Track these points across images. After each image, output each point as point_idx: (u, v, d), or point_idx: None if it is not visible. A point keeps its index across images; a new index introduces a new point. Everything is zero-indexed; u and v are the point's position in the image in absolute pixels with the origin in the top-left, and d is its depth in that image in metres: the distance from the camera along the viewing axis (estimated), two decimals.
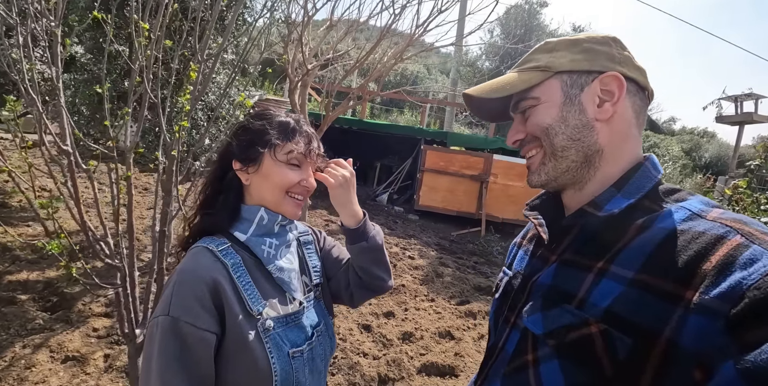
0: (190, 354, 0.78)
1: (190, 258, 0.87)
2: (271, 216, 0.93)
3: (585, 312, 0.59)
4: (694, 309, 0.50)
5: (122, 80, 3.30)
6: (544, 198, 0.83)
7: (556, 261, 0.70)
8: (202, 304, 0.80)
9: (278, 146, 0.91)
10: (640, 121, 0.71)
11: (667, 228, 0.59)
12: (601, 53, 0.69)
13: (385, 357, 3.24)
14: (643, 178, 0.67)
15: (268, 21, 2.30)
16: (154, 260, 1.81)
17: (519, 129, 0.76)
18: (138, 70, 1.63)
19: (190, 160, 1.96)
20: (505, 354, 0.72)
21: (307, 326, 0.94)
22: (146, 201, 6.07)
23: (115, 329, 2.99)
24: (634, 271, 0.57)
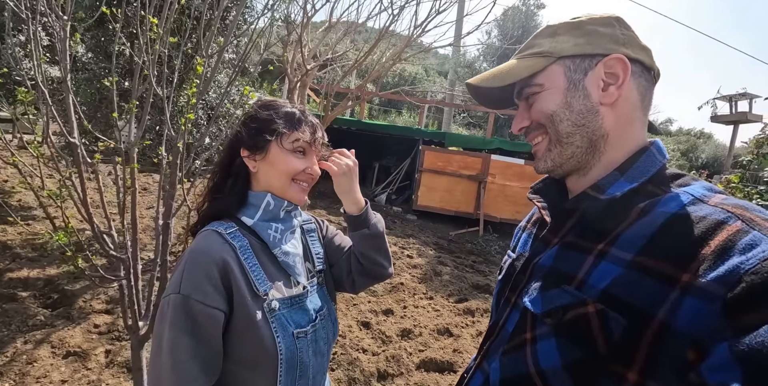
0: (200, 330, 0.81)
1: (200, 240, 0.90)
2: (278, 202, 0.97)
3: (583, 293, 0.60)
4: (691, 292, 0.51)
5: (124, 79, 3.34)
6: (548, 182, 0.83)
7: (557, 244, 0.70)
8: (211, 283, 0.83)
9: (285, 135, 0.94)
10: (646, 103, 0.70)
11: (669, 212, 0.59)
12: (604, 35, 0.68)
13: (384, 353, 3.27)
14: (648, 162, 0.67)
15: (268, 21, 2.33)
16: (157, 252, 1.84)
17: (524, 116, 0.75)
18: (141, 67, 1.66)
19: (192, 156, 2.00)
20: (504, 333, 0.74)
21: (311, 309, 0.98)
22: (145, 201, 6.09)
23: (116, 325, 3.01)
24: (633, 254, 0.58)
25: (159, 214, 1.76)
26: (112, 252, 1.64)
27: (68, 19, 1.45)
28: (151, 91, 1.69)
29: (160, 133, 3.46)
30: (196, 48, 1.74)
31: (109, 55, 3.67)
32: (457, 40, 6.78)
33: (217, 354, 0.85)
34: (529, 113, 0.74)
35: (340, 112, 5.55)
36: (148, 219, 5.13)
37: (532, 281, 0.70)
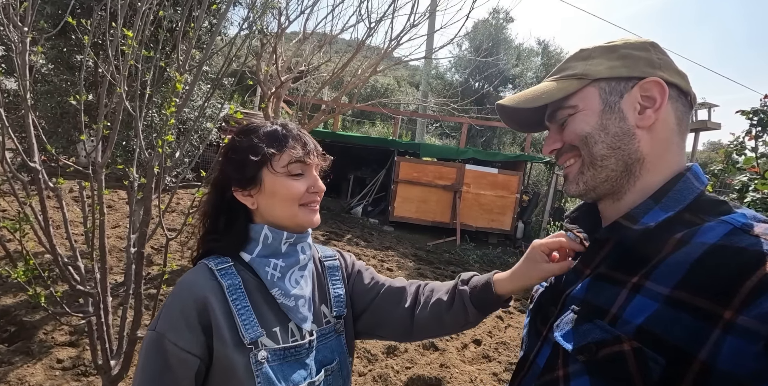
0: (170, 374, 0.74)
1: (188, 274, 0.82)
2: (276, 235, 0.85)
3: (617, 329, 0.57)
4: (732, 330, 0.48)
5: (88, 92, 3.14)
6: (584, 210, 0.80)
7: (590, 275, 0.68)
8: (187, 323, 0.75)
9: (274, 157, 0.83)
10: (683, 128, 0.69)
11: (708, 243, 0.56)
12: (639, 59, 0.67)
13: (371, 372, 3.17)
14: (684, 189, 0.64)
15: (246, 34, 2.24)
16: (129, 283, 1.69)
17: (555, 138, 0.74)
18: (109, 81, 1.54)
19: (164, 175, 1.87)
20: (535, 368, 0.71)
21: (313, 363, 0.85)
22: (110, 220, 5.76)
23: (82, 359, 2.77)
24: (670, 288, 0.55)
25: (131, 241, 1.62)
26: (78, 287, 1.48)
27: (29, 30, 1.32)
28: (121, 107, 1.57)
29: (128, 150, 3.27)
30: (169, 60, 1.63)
31: (72, 66, 3.46)
32: (430, 52, 6.86)
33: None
34: (561, 135, 0.73)
35: (315, 124, 5.47)
36: (113, 239, 4.84)
37: (564, 314, 0.67)
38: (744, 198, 2.39)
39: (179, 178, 2.07)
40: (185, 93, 1.53)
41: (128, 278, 1.66)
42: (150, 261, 4.46)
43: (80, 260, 1.60)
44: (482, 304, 0.88)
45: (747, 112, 2.40)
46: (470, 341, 4.01)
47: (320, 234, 7.10)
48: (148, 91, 1.71)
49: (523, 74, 16.68)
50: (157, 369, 0.74)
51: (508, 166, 9.77)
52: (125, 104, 1.54)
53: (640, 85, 0.65)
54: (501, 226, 9.11)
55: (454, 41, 5.67)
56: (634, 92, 0.66)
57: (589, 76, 0.68)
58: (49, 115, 3.24)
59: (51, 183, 1.60)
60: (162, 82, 2.83)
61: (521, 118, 0.80)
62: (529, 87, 0.77)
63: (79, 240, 4.51)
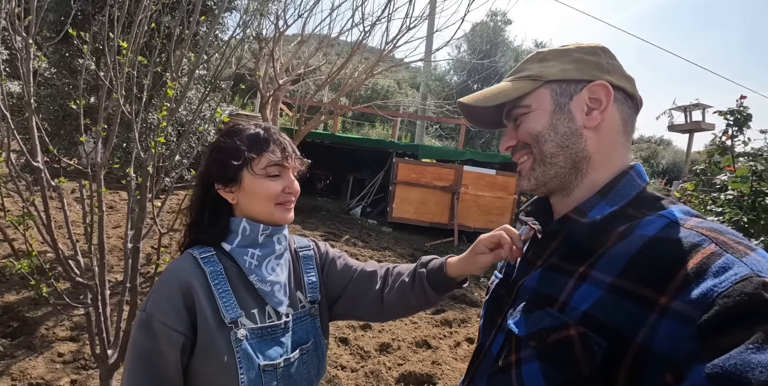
0: (158, 350, 0.82)
1: (173, 262, 0.91)
2: (253, 227, 0.93)
3: (565, 315, 0.61)
4: (667, 314, 0.52)
5: (88, 95, 3.23)
6: (537, 205, 0.85)
7: (541, 266, 0.72)
8: (173, 304, 0.84)
9: (254, 160, 0.91)
10: (628, 129, 0.73)
11: (647, 235, 0.60)
12: (590, 63, 0.71)
13: (363, 369, 3.24)
14: (628, 186, 0.68)
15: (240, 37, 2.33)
16: (126, 277, 1.78)
17: (511, 136, 0.77)
18: (109, 86, 1.63)
19: (162, 175, 1.95)
20: (490, 355, 0.74)
21: (289, 342, 0.93)
22: (111, 220, 5.85)
23: (82, 353, 2.87)
24: (613, 276, 0.59)
25: (128, 237, 1.71)
26: (78, 279, 1.57)
27: (32, 40, 1.41)
28: (119, 110, 1.66)
29: (127, 151, 3.36)
30: (166, 66, 1.72)
31: (74, 70, 3.56)
32: (428, 54, 6.93)
33: (173, 377, 0.84)
34: (516, 133, 0.76)
35: (314, 126, 5.55)
36: (114, 238, 4.94)
37: (517, 303, 0.71)
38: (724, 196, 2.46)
39: (174, 177, 2.16)
40: (179, 96, 1.61)
41: (125, 272, 1.75)
42: (149, 260, 4.55)
43: (80, 255, 1.69)
44: (438, 285, 0.98)
45: (724, 113, 2.47)
46: (463, 339, 4.07)
47: (319, 235, 7.17)
48: (145, 95, 1.80)
49: None
50: (147, 345, 0.82)
51: (506, 168, 9.81)
52: (123, 108, 1.63)
53: (588, 88, 0.70)
54: None
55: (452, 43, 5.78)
56: (582, 94, 0.70)
57: (542, 77, 0.72)
58: (52, 117, 3.33)
59: (53, 182, 1.69)
60: (161, 85, 2.93)
61: (483, 117, 0.84)
62: None
63: (80, 239, 4.61)
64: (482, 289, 5.67)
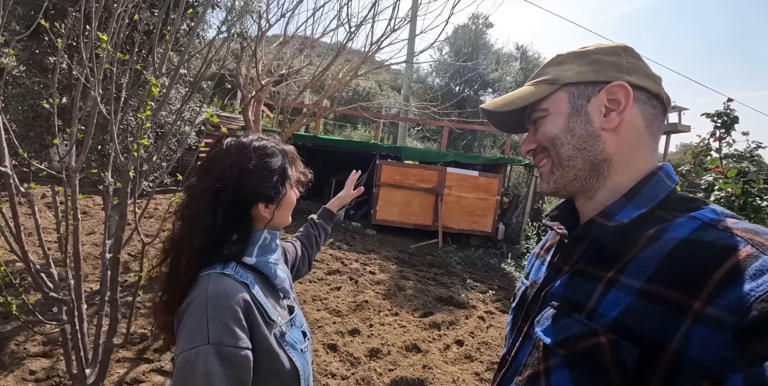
0: (239, 375, 0.81)
1: (213, 285, 0.86)
2: (273, 235, 1.01)
3: (594, 322, 0.59)
4: (701, 320, 0.50)
5: (61, 95, 3.06)
6: (563, 209, 0.83)
7: (568, 272, 0.70)
8: (239, 326, 0.83)
9: (292, 174, 1.00)
10: (654, 129, 0.71)
11: (678, 238, 0.58)
12: (608, 63, 0.70)
13: (354, 375, 3.16)
14: (656, 187, 0.66)
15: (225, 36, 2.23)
16: (104, 290, 1.66)
17: (531, 139, 0.77)
18: (85, 83, 1.52)
19: (141, 180, 1.84)
20: (517, 364, 0.73)
21: (299, 325, 1.03)
22: (84, 226, 5.61)
23: (56, 370, 2.69)
24: (642, 281, 0.57)
25: (106, 247, 1.59)
26: (52, 294, 1.45)
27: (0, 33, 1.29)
28: (95, 110, 1.54)
29: (103, 154, 3.19)
30: (145, 63, 1.61)
31: (45, 68, 3.37)
32: (411, 56, 6.91)
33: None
34: (535, 136, 0.76)
35: (297, 128, 5.45)
36: (89, 246, 4.72)
37: (544, 310, 0.69)
38: (710, 197, 2.50)
39: (156, 182, 2.04)
40: (162, 96, 1.51)
41: (104, 285, 1.63)
42: (126, 267, 4.37)
43: (53, 267, 1.56)
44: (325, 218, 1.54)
45: (712, 115, 2.50)
46: (452, 342, 4.04)
47: None
48: (123, 94, 1.69)
49: (503, 78, 16.93)
50: (227, 374, 0.78)
51: (488, 169, 9.89)
52: (100, 107, 1.52)
53: (606, 89, 0.68)
54: (482, 228, 9.21)
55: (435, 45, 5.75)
56: (600, 96, 0.69)
57: (559, 80, 0.72)
58: (21, 118, 3.14)
59: (23, 188, 1.56)
60: (139, 85, 2.78)
61: (507, 121, 0.84)
62: (508, 91, 0.81)
63: (52, 247, 4.37)
64: (469, 291, 5.66)
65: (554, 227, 0.79)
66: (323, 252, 6.39)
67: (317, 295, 4.71)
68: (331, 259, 6.18)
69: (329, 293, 4.86)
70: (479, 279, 6.30)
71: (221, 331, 0.80)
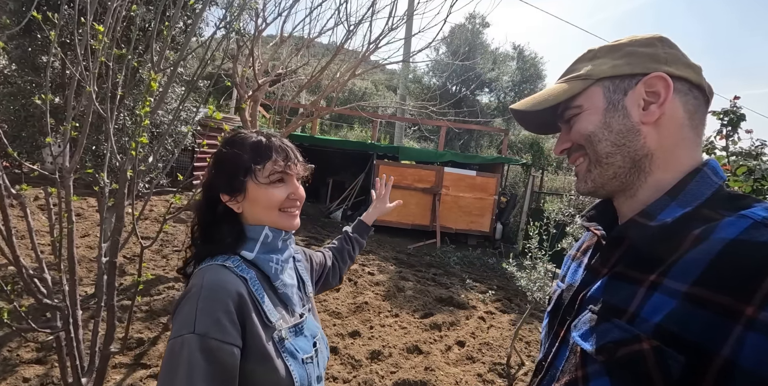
0: (221, 370, 0.77)
1: (210, 275, 0.85)
2: (276, 233, 0.95)
3: (636, 328, 0.56)
4: (754, 326, 0.47)
5: (54, 94, 2.98)
6: (600, 209, 0.80)
7: (606, 274, 0.67)
8: (230, 319, 0.80)
9: (257, 170, 0.91)
10: (696, 122, 0.67)
11: (727, 238, 0.54)
12: (643, 55, 0.67)
13: (356, 379, 3.12)
14: (702, 184, 0.63)
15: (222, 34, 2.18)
16: (100, 295, 1.59)
17: (565, 138, 0.74)
18: (78, 81, 1.46)
19: (138, 180, 1.78)
20: (554, 370, 0.70)
21: (309, 334, 0.98)
22: (78, 228, 5.51)
23: (50, 377, 2.62)
24: (688, 284, 0.54)
25: (102, 251, 1.53)
26: (45, 300, 1.39)
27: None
28: (90, 109, 1.49)
29: (97, 154, 3.12)
30: (141, 60, 1.56)
31: (37, 67, 3.29)
32: (408, 56, 6.88)
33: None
34: (569, 135, 0.73)
35: (294, 128, 5.39)
36: (83, 248, 4.63)
37: (581, 314, 0.66)
38: None
39: (153, 183, 1.98)
40: (159, 94, 1.46)
41: (99, 289, 1.57)
42: (122, 271, 4.29)
43: (47, 272, 1.50)
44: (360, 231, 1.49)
45: (718, 113, 2.48)
46: (454, 343, 4.00)
47: (300, 240, 7.00)
48: (119, 92, 1.63)
49: (499, 78, 16.95)
50: (207, 369, 0.76)
51: (486, 169, 9.88)
52: (95, 106, 1.46)
53: (644, 82, 0.65)
54: (480, 228, 9.19)
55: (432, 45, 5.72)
56: (638, 89, 0.66)
57: (592, 76, 0.69)
58: (12, 118, 3.07)
59: (14, 190, 1.50)
60: (134, 84, 2.71)
61: (537, 120, 0.80)
62: (505, 90, 0.77)
63: (45, 250, 4.28)
64: (469, 291, 5.62)
65: (591, 228, 0.76)
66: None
67: (316, 298, 4.65)
68: None
69: (328, 294, 4.81)
70: (478, 279, 6.27)
71: (209, 323, 0.78)
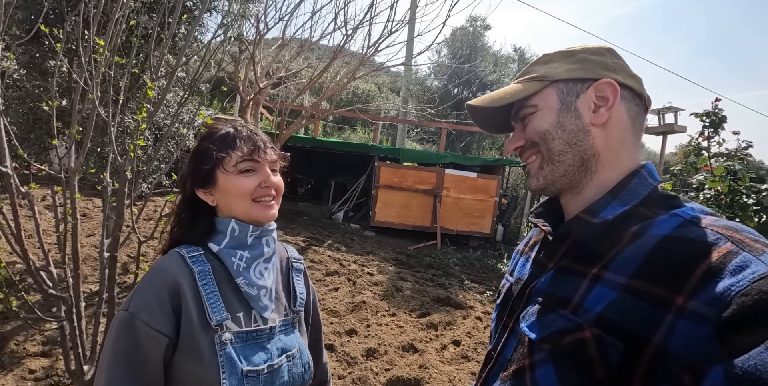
0: (139, 351, 0.79)
1: (161, 260, 0.88)
2: (242, 227, 0.92)
3: (579, 317, 0.60)
4: (684, 315, 0.51)
5: (61, 98, 3.10)
6: (547, 206, 0.84)
7: (553, 268, 0.71)
8: (160, 304, 0.81)
9: (224, 159, 0.90)
10: (637, 128, 0.73)
11: (661, 234, 0.59)
12: (595, 62, 0.72)
13: (351, 375, 3.19)
14: (640, 185, 0.68)
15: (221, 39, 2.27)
16: (102, 288, 1.69)
17: (519, 136, 0.78)
18: (84, 86, 1.56)
19: (140, 181, 1.88)
20: (503, 359, 0.73)
21: (274, 348, 0.91)
22: (85, 228, 5.64)
23: (55, 369, 2.72)
24: (626, 277, 0.58)
25: (104, 246, 1.62)
26: (51, 291, 1.48)
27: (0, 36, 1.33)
28: (93, 112, 1.58)
29: (102, 156, 3.23)
30: (144, 67, 1.65)
31: (45, 71, 3.41)
32: (409, 59, 6.96)
33: (155, 379, 0.81)
34: (523, 133, 0.77)
35: (295, 130, 5.49)
36: (88, 247, 4.75)
37: (529, 306, 0.70)
38: (699, 195, 2.53)
39: (153, 184, 2.08)
40: (158, 98, 1.55)
41: (102, 283, 1.67)
42: (126, 269, 4.40)
43: (52, 265, 1.60)
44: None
45: (700, 115, 2.54)
46: (449, 342, 4.06)
47: (301, 240, 7.08)
48: (121, 97, 1.73)
49: (501, 80, 17.00)
50: (128, 347, 0.79)
51: (487, 170, 9.93)
52: (98, 110, 1.56)
53: (594, 86, 0.70)
54: (481, 230, 9.24)
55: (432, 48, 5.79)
56: (589, 92, 0.70)
57: (548, 77, 0.73)
58: (21, 121, 3.18)
59: (23, 189, 1.60)
60: (137, 88, 2.82)
61: (491, 119, 0.84)
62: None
63: (52, 249, 4.40)
64: (467, 292, 5.68)
65: (539, 224, 0.79)
66: (321, 254, 6.42)
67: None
68: (330, 260, 6.20)
69: (327, 294, 4.89)
70: (477, 280, 6.32)
71: (140, 304, 0.81)
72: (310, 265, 5.83)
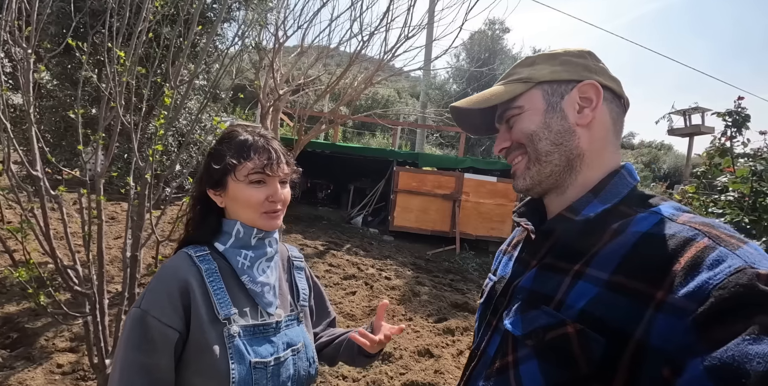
0: (151, 345, 0.83)
1: (170, 260, 0.93)
2: (247, 230, 0.96)
3: (562, 313, 0.61)
4: (663, 309, 0.52)
5: (90, 106, 3.26)
6: (530, 206, 0.86)
7: (536, 266, 0.72)
8: (171, 302, 0.85)
9: (237, 167, 0.92)
10: (618, 128, 0.75)
11: (640, 231, 0.61)
12: (578, 64, 0.74)
13: (365, 378, 3.20)
14: (620, 184, 0.70)
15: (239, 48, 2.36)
16: (124, 286, 1.77)
17: (505, 137, 0.79)
18: (108, 96, 1.65)
19: (161, 185, 1.96)
20: (486, 357, 0.74)
21: (280, 342, 0.96)
22: (112, 231, 5.86)
23: (81, 364, 2.85)
24: (608, 273, 0.59)
25: (127, 246, 1.71)
26: (76, 288, 1.57)
27: (32, 51, 1.43)
28: (118, 120, 1.67)
29: (128, 162, 3.38)
30: (166, 76, 1.74)
31: (75, 82, 3.60)
32: (427, 63, 6.98)
33: (166, 372, 0.85)
34: (509, 134, 0.78)
35: (314, 135, 5.58)
36: (115, 249, 4.94)
37: (513, 303, 0.71)
38: (721, 198, 2.45)
39: (174, 187, 2.16)
40: (177, 105, 1.63)
41: (124, 281, 1.75)
42: (150, 270, 4.54)
43: (78, 264, 1.69)
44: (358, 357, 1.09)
45: (722, 114, 2.47)
46: (466, 348, 4.03)
47: (320, 244, 7.16)
48: (144, 105, 1.82)
49: None
50: (141, 341, 0.84)
51: (507, 175, 9.80)
52: (122, 118, 1.65)
53: (578, 87, 0.72)
54: (500, 234, 9.11)
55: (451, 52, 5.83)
56: (573, 93, 0.72)
57: (533, 79, 0.74)
58: (54, 128, 3.36)
59: (53, 192, 1.70)
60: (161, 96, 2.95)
61: (475, 123, 0.86)
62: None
63: (80, 250, 4.61)
64: None
65: (522, 223, 0.81)
66: (340, 258, 6.47)
67: (332, 299, 4.78)
68: (348, 265, 6.25)
69: (344, 297, 4.92)
70: None
71: (152, 301, 0.86)
72: (329, 269, 5.88)
